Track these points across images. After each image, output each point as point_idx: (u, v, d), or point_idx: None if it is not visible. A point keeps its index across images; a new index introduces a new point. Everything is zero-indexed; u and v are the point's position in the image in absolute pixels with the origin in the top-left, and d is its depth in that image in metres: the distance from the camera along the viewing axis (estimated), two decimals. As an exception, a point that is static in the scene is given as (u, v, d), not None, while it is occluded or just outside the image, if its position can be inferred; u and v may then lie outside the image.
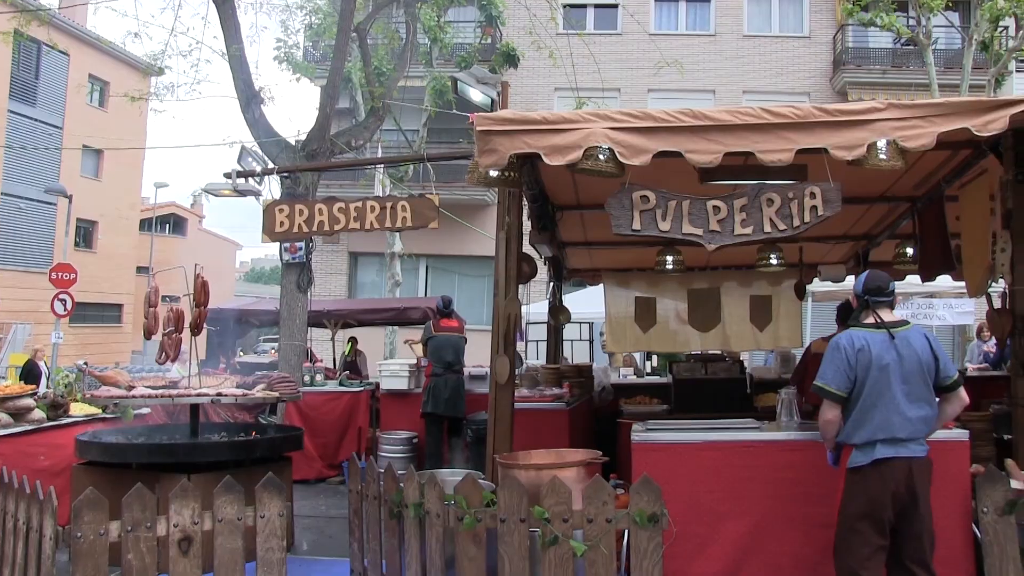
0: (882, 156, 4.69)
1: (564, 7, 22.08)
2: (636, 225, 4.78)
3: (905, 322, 4.62)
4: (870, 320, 4.60)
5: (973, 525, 4.94)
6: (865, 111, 4.75)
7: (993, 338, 11.29)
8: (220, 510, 4.58)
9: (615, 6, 23.39)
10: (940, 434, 4.95)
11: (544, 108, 21.89)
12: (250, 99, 11.82)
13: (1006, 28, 19.62)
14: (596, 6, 24.21)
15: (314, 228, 7.32)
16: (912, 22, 19.03)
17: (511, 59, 21.53)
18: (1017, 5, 17.73)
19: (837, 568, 4.46)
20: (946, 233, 7.38)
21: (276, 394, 7.66)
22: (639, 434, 5.24)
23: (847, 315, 8.34)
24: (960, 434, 5.08)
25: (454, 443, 9.46)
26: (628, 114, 4.79)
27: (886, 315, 4.59)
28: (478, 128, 4.86)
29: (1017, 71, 21.77)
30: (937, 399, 4.54)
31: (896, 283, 10.66)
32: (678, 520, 4.77)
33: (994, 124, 4.71)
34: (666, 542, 4.62)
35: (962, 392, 4.52)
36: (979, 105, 4.80)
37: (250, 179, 8.76)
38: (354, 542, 5.66)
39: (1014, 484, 4.91)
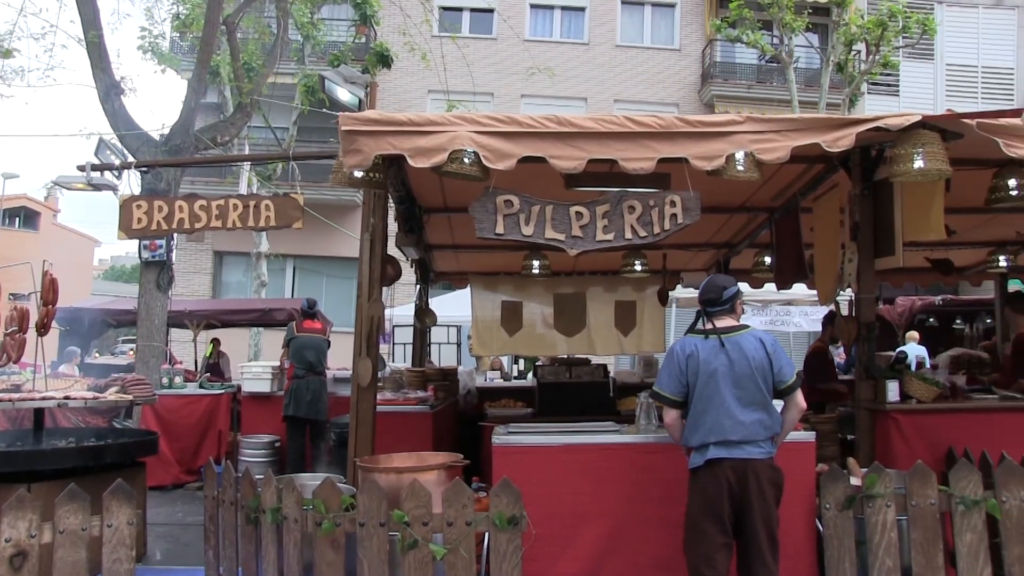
0: (740, 167, 4.84)
1: (440, 9, 22.07)
2: (499, 229, 4.79)
3: (742, 327, 4.66)
4: (707, 327, 4.67)
5: (816, 520, 5.16)
6: (725, 123, 4.90)
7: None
8: (62, 520, 4.36)
9: (491, 11, 23.51)
10: (789, 435, 5.16)
11: (417, 110, 21.82)
12: (110, 89, 11.33)
13: (859, 52, 20.67)
14: (472, 10, 24.25)
15: (173, 225, 7.11)
16: (776, 41, 19.83)
17: (384, 59, 21.37)
18: (868, 32, 18.76)
19: (687, 566, 4.58)
20: (800, 243, 7.68)
21: (130, 397, 7.36)
22: (500, 437, 5.25)
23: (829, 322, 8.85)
24: (807, 436, 5.28)
25: (317, 447, 9.31)
26: (494, 118, 4.80)
27: (721, 322, 4.63)
28: (343, 128, 4.79)
29: (869, 92, 22.97)
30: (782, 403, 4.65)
31: (755, 291, 11.18)
32: (538, 522, 4.80)
33: (843, 141, 4.93)
34: (526, 544, 4.64)
35: (797, 396, 4.56)
36: (830, 122, 5.02)
37: (107, 173, 8.40)
38: (209, 549, 5.49)
39: (854, 481, 5.18)
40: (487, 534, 4.70)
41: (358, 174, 5.35)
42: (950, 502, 5.07)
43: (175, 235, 10.30)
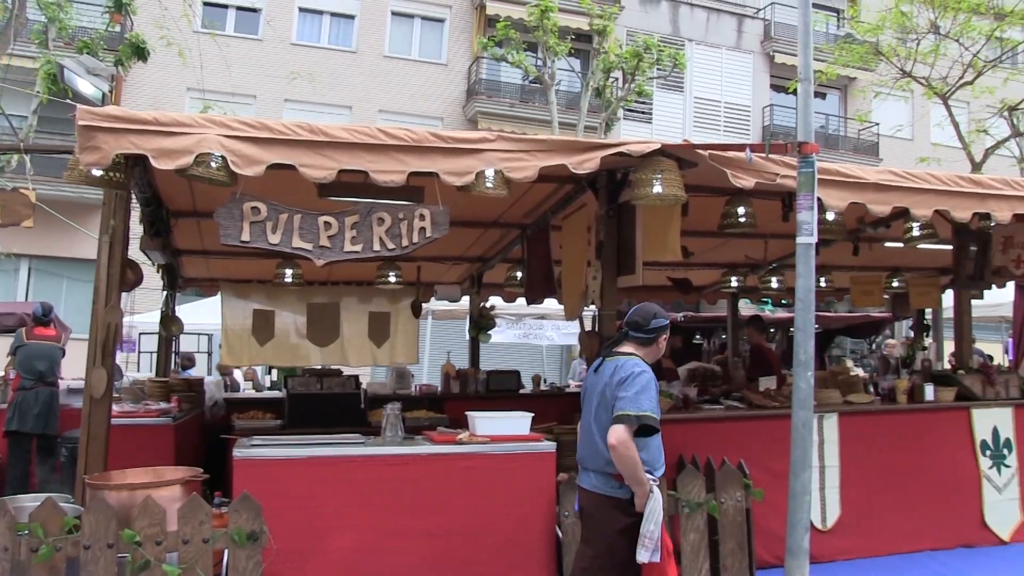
0: (489, 184, 4.94)
1: (203, 5, 21.24)
2: (245, 236, 4.67)
3: (627, 355, 4.46)
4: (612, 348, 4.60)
5: (557, 527, 5.36)
6: (476, 141, 4.99)
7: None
8: None
9: (257, 11, 22.88)
10: (530, 446, 5.37)
11: (175, 108, 20.84)
12: None
13: (616, 80, 21.79)
14: (238, 8, 23.46)
15: None
16: (540, 63, 20.51)
17: (140, 52, 20.18)
18: (625, 61, 19.84)
19: None
20: (550, 259, 7.96)
21: None
22: (242, 450, 5.09)
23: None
24: (548, 446, 5.49)
25: (45, 464, 8.61)
26: (244, 123, 4.67)
27: (627, 347, 4.50)
28: (80, 123, 4.49)
29: (625, 118, 24.27)
30: None
31: (508, 304, 11.44)
32: (282, 537, 4.71)
33: (588, 163, 5.16)
34: (267, 560, 4.55)
35: (614, 428, 4.14)
36: (577, 145, 5.23)
37: None
38: None
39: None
40: (226, 551, 4.55)
41: (97, 173, 5.03)
42: (677, 505, 5.44)
43: None
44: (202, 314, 13.72)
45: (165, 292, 10.01)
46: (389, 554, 5.18)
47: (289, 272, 8.34)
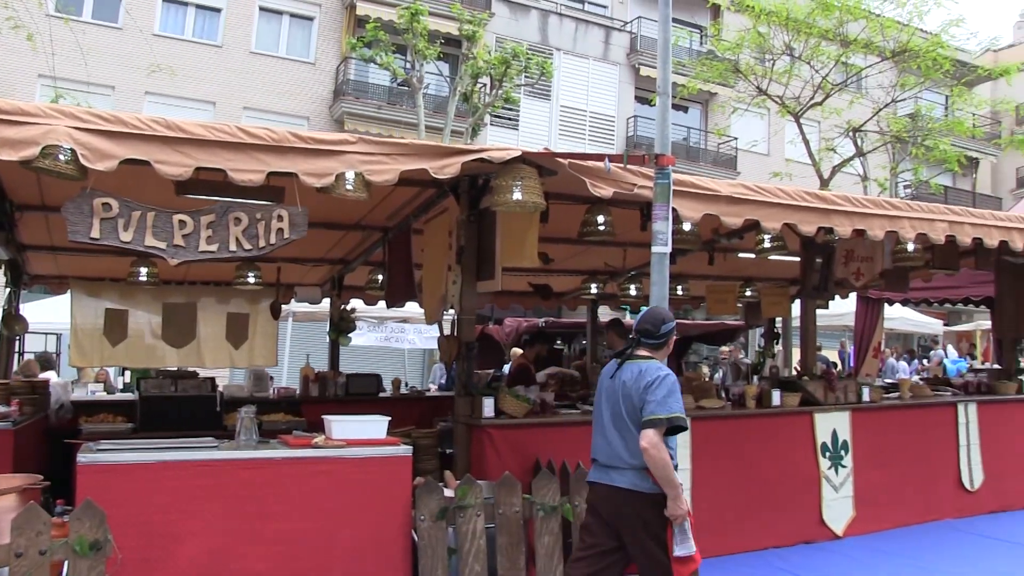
0: (348, 187, 4.93)
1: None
2: (95, 233, 4.50)
3: (645, 358, 4.64)
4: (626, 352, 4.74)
5: (413, 532, 5.37)
6: (336, 142, 4.97)
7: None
8: None
9: (118, -4, 22.03)
10: (386, 450, 5.37)
11: (25, 95, 19.83)
12: None
13: (484, 85, 21.95)
14: (97, -7, 22.53)
15: None
16: (408, 66, 20.47)
17: (-14, 34, 19.22)
18: (494, 68, 20.05)
19: None
20: (411, 263, 7.99)
21: None
22: (86, 455, 4.89)
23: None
24: (404, 450, 5.48)
25: None
26: (96, 115, 4.50)
27: (642, 352, 4.66)
28: (-92, 108, 4.26)
29: (492, 124, 24.48)
30: None
31: (370, 307, 11.38)
32: (129, 546, 4.57)
33: (449, 168, 5.20)
34: (110, 570, 4.41)
35: (643, 431, 4.34)
36: (438, 150, 5.27)
37: None
38: None
39: (448, 492, 5.48)
40: (67, 563, 4.37)
41: (-70, 162, 4.76)
42: (532, 509, 5.53)
43: None
44: (50, 312, 13.09)
45: (8, 289, 9.51)
46: (241, 560, 5.07)
47: (144, 271, 8.08)
